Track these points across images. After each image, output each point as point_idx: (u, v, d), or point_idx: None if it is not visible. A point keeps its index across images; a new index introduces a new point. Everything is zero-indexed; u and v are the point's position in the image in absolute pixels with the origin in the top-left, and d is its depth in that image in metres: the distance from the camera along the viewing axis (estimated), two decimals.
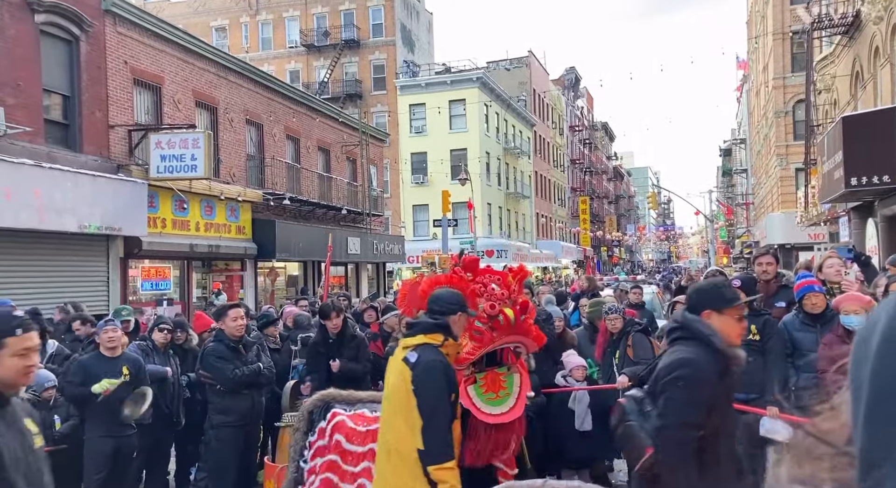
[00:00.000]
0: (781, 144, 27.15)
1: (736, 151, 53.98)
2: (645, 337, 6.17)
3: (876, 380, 0.47)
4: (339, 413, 3.77)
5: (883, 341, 0.47)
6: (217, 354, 5.74)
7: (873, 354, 0.48)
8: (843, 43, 17.30)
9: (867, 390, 0.47)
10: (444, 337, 2.98)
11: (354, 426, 3.67)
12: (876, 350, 0.48)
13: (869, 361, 0.48)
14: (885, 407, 0.46)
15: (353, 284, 23.43)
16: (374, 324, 7.98)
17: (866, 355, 0.48)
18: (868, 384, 0.47)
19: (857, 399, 0.49)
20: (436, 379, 2.87)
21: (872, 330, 0.49)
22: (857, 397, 0.49)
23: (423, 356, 2.92)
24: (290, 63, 38.60)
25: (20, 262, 11.31)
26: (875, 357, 0.47)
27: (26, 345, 2.23)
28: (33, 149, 11.35)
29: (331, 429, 3.71)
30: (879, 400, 0.46)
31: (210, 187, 15.38)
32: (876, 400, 0.47)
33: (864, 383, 0.48)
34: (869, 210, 14.31)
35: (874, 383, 0.47)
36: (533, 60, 46.63)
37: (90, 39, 12.91)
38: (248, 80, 18.27)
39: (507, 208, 41.41)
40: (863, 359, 0.49)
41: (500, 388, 3.44)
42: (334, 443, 3.65)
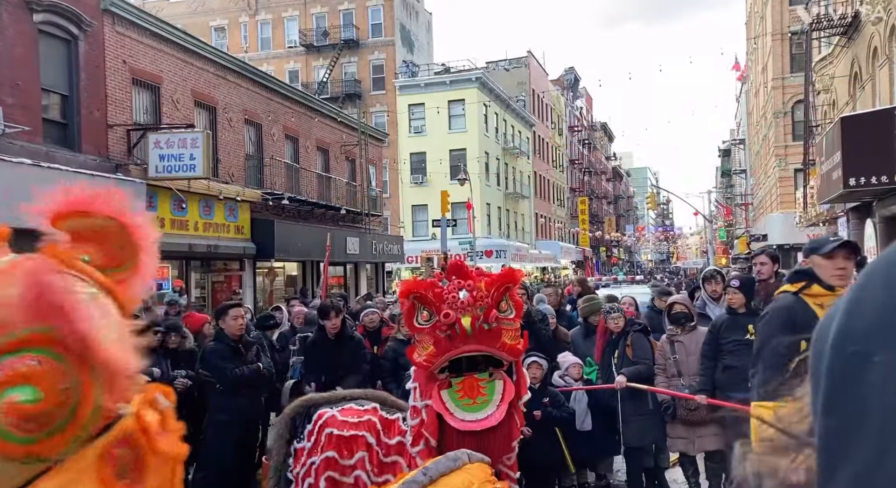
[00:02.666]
0: (780, 145, 27.17)
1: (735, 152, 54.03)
2: (644, 337, 6.17)
3: (831, 375, 0.49)
4: (325, 411, 3.75)
5: (838, 335, 0.50)
6: (218, 354, 5.74)
7: (828, 348, 0.50)
8: (841, 43, 17.32)
9: (824, 383, 0.50)
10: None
11: (346, 418, 3.66)
12: (831, 344, 0.50)
13: (826, 356, 0.50)
14: (839, 398, 0.48)
15: (352, 284, 23.42)
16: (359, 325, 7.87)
17: (823, 350, 0.51)
18: (824, 378, 0.50)
19: (816, 391, 0.51)
20: None
21: (829, 325, 0.51)
22: (816, 389, 0.51)
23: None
24: (289, 63, 38.60)
25: None
26: (830, 352, 0.50)
27: None
28: (32, 148, 11.34)
29: (319, 428, 3.68)
30: (835, 393, 0.49)
31: (209, 187, 15.38)
32: (832, 392, 0.49)
33: (821, 376, 0.50)
34: (867, 210, 14.32)
35: (829, 377, 0.49)
36: (532, 61, 46.64)
37: (89, 39, 12.90)
38: (247, 80, 18.26)
39: (506, 208, 41.42)
40: (821, 353, 0.51)
41: (478, 394, 3.35)
42: (327, 438, 3.62)
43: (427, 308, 3.33)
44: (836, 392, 0.49)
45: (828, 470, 0.48)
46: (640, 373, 5.88)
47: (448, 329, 3.27)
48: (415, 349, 3.39)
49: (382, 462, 3.54)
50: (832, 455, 0.47)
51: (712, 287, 6.77)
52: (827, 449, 0.48)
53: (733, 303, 5.46)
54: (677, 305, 6.09)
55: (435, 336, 3.29)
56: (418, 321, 3.35)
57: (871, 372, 0.46)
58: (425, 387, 3.38)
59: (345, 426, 3.60)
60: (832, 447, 0.48)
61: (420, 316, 3.36)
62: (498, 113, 40.00)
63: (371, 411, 3.69)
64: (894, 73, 13.44)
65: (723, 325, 5.49)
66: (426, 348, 3.31)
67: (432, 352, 3.28)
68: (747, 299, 5.43)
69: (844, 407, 0.47)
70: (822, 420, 0.49)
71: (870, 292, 0.49)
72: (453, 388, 3.34)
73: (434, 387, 3.31)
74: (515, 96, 43.00)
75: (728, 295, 5.58)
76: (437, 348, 3.30)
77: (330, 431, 3.61)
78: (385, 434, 3.60)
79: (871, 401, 0.45)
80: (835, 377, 0.49)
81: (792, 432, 0.58)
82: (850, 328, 0.49)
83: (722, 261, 42.35)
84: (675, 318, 5.99)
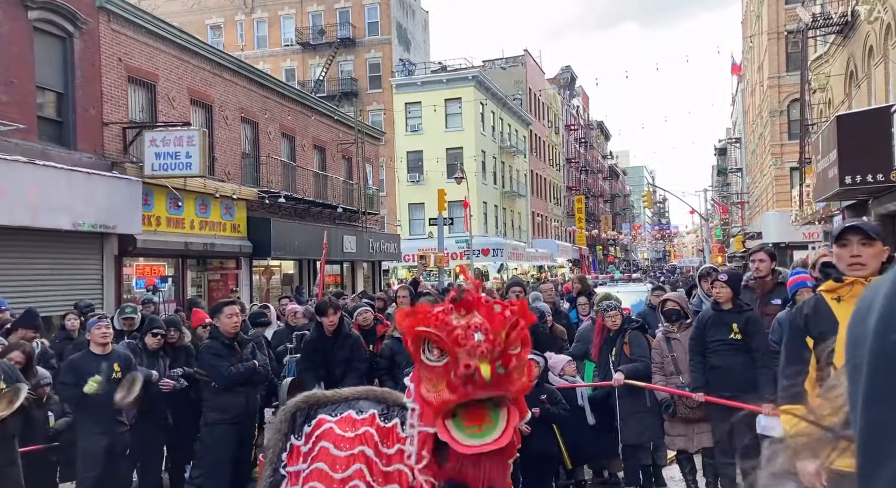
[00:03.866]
0: (776, 143, 27.22)
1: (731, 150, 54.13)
2: (641, 334, 6.18)
3: (875, 361, 0.45)
4: (325, 420, 3.70)
5: (880, 320, 0.46)
6: (212, 351, 5.73)
7: (871, 333, 0.46)
8: (837, 42, 17.36)
9: (866, 371, 0.46)
10: None
11: (342, 433, 3.62)
12: (874, 328, 0.46)
13: (867, 341, 0.46)
14: (883, 391, 0.45)
15: (349, 283, 23.40)
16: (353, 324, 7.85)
17: (863, 334, 0.47)
18: (867, 364, 0.46)
19: (854, 380, 0.48)
20: None
21: (869, 308, 0.47)
22: (854, 378, 0.48)
23: None
24: (285, 61, 38.52)
25: (14, 261, 11.25)
26: (873, 336, 0.46)
27: None
28: (27, 146, 11.29)
29: (316, 437, 3.65)
30: (879, 381, 0.45)
31: (205, 185, 15.34)
32: (875, 380, 0.45)
33: (862, 363, 0.46)
34: (863, 208, 14.35)
35: (873, 363, 0.45)
36: (529, 59, 46.64)
37: (84, 36, 12.85)
38: (244, 78, 18.22)
39: (502, 207, 41.42)
40: (860, 339, 0.47)
41: (483, 422, 3.27)
42: (321, 451, 3.60)
43: (438, 347, 3.22)
44: (880, 383, 0.45)
45: (871, 463, 0.44)
46: (638, 371, 5.89)
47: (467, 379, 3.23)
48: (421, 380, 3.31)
49: (385, 471, 3.52)
50: (876, 448, 0.44)
51: (708, 284, 6.78)
52: (869, 442, 0.45)
53: (720, 297, 5.44)
54: (669, 302, 6.11)
55: (448, 378, 3.27)
56: (427, 358, 3.30)
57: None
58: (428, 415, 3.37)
59: (341, 443, 3.58)
60: (874, 442, 0.44)
61: (429, 352, 3.26)
62: (494, 111, 39.99)
63: (368, 420, 3.66)
64: (890, 72, 13.47)
65: (708, 321, 5.47)
66: (438, 388, 3.24)
67: (448, 397, 3.24)
68: (734, 294, 5.43)
69: (889, 399, 0.44)
70: (864, 412, 0.46)
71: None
72: (457, 417, 3.31)
73: (439, 418, 3.24)
74: (512, 95, 42.98)
75: (715, 289, 5.57)
76: (452, 392, 3.24)
77: (325, 446, 3.59)
78: (383, 444, 3.57)
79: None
80: (878, 367, 0.45)
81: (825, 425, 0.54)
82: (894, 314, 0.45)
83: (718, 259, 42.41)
84: (667, 315, 6.00)
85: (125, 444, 5.60)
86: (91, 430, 5.41)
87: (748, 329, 5.25)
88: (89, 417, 5.40)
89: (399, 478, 3.49)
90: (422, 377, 3.31)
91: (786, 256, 21.12)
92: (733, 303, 5.40)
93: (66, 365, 5.61)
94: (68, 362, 5.60)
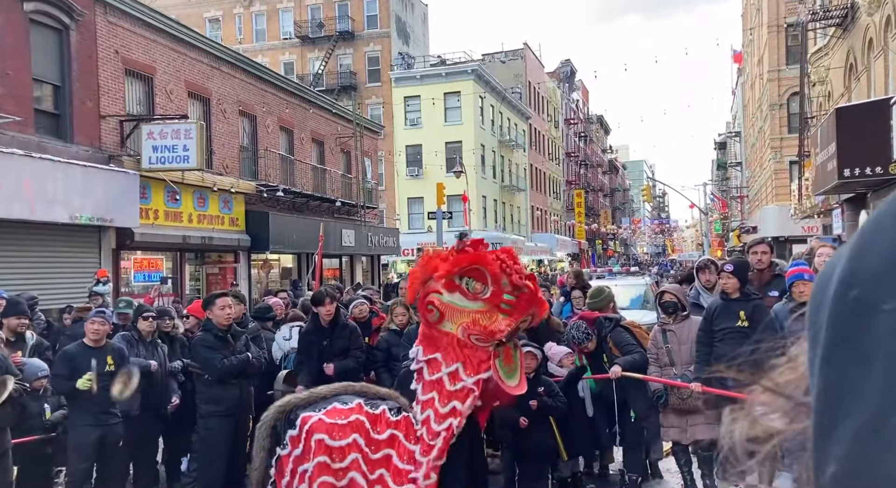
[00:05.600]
0: (776, 137, 27.18)
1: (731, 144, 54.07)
2: (622, 330, 6.17)
3: (832, 325, 0.45)
4: (310, 416, 3.70)
5: (840, 284, 0.45)
6: (205, 344, 5.71)
7: (830, 298, 0.46)
8: (837, 35, 17.30)
9: (824, 335, 0.46)
10: None
11: (334, 421, 3.62)
12: (833, 293, 0.46)
13: (826, 306, 0.46)
14: (841, 350, 0.44)
15: (348, 277, 23.39)
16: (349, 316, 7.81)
17: (824, 300, 0.47)
18: (825, 329, 0.46)
19: (814, 344, 0.48)
20: None
21: (831, 274, 0.47)
22: (814, 342, 0.48)
23: None
24: (284, 55, 38.40)
25: (11, 254, 11.24)
26: (832, 300, 0.46)
27: None
28: (23, 139, 11.26)
29: (306, 433, 3.65)
30: (836, 344, 0.45)
31: (203, 178, 15.31)
32: (833, 343, 0.45)
33: (821, 327, 0.46)
34: (862, 202, 14.34)
35: (831, 327, 0.45)
36: (528, 53, 46.51)
37: (80, 29, 12.79)
38: (242, 71, 18.16)
39: (502, 201, 41.39)
40: (821, 304, 0.47)
41: (511, 361, 3.59)
42: (317, 443, 3.59)
43: (480, 281, 3.44)
44: (837, 342, 0.44)
45: (825, 426, 0.44)
46: (636, 361, 5.88)
47: (517, 292, 3.45)
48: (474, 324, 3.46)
49: (373, 459, 3.53)
50: (831, 410, 0.43)
51: (706, 276, 6.76)
52: (825, 404, 0.44)
53: (727, 288, 5.44)
54: (667, 294, 6.10)
55: (499, 306, 3.43)
56: (473, 289, 3.47)
57: (879, 321, 0.42)
58: (474, 363, 3.48)
59: (334, 431, 3.58)
60: (831, 401, 0.44)
61: (471, 288, 3.45)
62: (494, 105, 39.90)
63: (356, 409, 3.66)
64: (889, 64, 13.42)
65: (716, 311, 5.47)
66: (490, 320, 3.46)
67: (504, 324, 3.48)
68: (741, 284, 5.41)
69: (846, 359, 0.43)
70: (820, 373, 0.45)
71: (881, 232, 0.44)
72: (500, 357, 3.53)
73: (490, 359, 3.47)
74: (511, 88, 42.89)
75: (722, 279, 5.57)
76: (511, 313, 3.44)
77: (320, 437, 3.58)
78: (374, 430, 3.58)
79: (877, 354, 0.41)
80: (836, 326, 0.45)
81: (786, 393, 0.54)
82: (855, 271, 0.45)
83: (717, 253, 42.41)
84: (665, 307, 5.99)
85: (118, 436, 5.58)
86: (83, 422, 5.40)
87: (755, 316, 5.25)
88: (81, 409, 5.40)
89: (386, 464, 3.51)
90: (463, 324, 3.48)
91: (785, 250, 21.10)
92: (741, 292, 5.39)
93: (59, 357, 5.60)
94: (62, 354, 5.60)
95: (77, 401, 5.40)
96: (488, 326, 3.41)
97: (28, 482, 5.64)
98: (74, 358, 5.44)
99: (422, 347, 3.66)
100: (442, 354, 3.53)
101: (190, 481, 6.07)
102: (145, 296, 12.67)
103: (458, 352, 3.49)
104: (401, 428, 3.59)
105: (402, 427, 3.59)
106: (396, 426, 3.60)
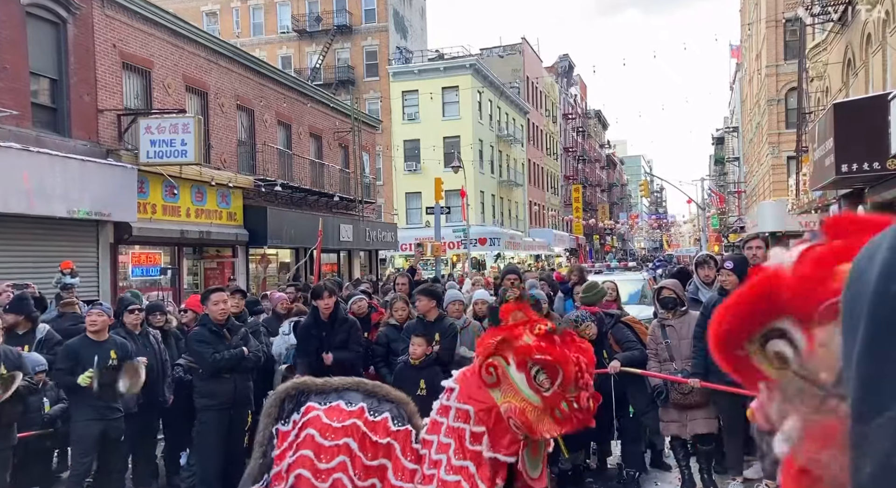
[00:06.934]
0: (773, 132, 27.20)
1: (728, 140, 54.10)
2: (623, 326, 6.18)
3: (874, 312, 0.43)
4: (314, 407, 3.70)
5: (881, 277, 0.44)
6: (199, 338, 5.72)
7: (871, 289, 0.44)
8: (835, 30, 17.30)
9: (864, 326, 0.44)
10: None
11: (329, 421, 3.63)
12: (875, 281, 0.44)
13: (867, 296, 0.44)
14: (882, 344, 0.43)
15: (346, 271, 23.39)
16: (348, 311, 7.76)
17: (863, 289, 0.45)
18: (864, 322, 0.44)
19: (850, 334, 0.46)
20: None
21: (870, 262, 0.45)
22: (851, 332, 0.46)
23: None
24: (281, 49, 38.28)
25: (8, 248, 11.21)
26: (873, 293, 0.44)
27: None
28: (21, 133, 11.22)
29: (303, 423, 3.65)
30: (877, 338, 0.43)
31: (200, 173, 15.28)
32: (873, 337, 0.43)
33: (860, 318, 0.44)
34: (859, 197, 14.36)
35: (871, 321, 0.43)
36: (526, 47, 46.43)
37: (78, 22, 12.74)
38: (239, 66, 18.10)
39: (499, 196, 41.37)
40: (859, 294, 0.45)
41: (536, 454, 3.53)
42: (307, 438, 3.60)
43: (550, 376, 3.28)
44: (880, 335, 0.43)
45: (863, 417, 0.43)
46: (634, 357, 5.89)
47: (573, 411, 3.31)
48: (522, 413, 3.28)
49: (367, 465, 3.53)
50: (870, 402, 0.42)
51: (705, 272, 6.79)
52: (864, 396, 0.43)
53: (726, 285, 5.45)
54: (666, 290, 6.11)
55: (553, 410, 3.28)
56: (539, 384, 3.29)
57: None
58: (503, 442, 3.39)
59: (327, 431, 3.58)
60: (870, 395, 0.42)
61: (538, 380, 3.29)
62: (492, 100, 39.85)
63: (357, 413, 3.65)
64: (888, 60, 13.43)
65: (714, 306, 5.49)
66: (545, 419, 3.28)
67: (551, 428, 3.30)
68: (740, 280, 5.42)
69: (887, 354, 0.42)
70: (859, 367, 0.44)
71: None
72: (529, 448, 3.45)
73: (519, 445, 3.39)
74: (509, 83, 42.82)
75: (721, 276, 5.58)
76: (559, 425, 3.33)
77: (311, 433, 3.59)
78: (372, 435, 3.57)
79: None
80: (877, 320, 0.43)
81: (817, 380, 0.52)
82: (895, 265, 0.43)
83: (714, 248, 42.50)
84: (663, 302, 6.00)
85: (119, 431, 5.59)
86: (85, 416, 5.40)
87: None
88: (83, 403, 5.40)
89: (380, 473, 3.51)
90: (511, 406, 3.31)
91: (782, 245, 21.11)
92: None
93: (62, 350, 5.60)
94: (65, 347, 5.59)
95: (79, 396, 5.41)
96: (534, 424, 3.28)
97: (28, 476, 5.65)
98: (77, 351, 5.43)
99: (459, 387, 3.54)
100: (475, 410, 3.45)
101: (189, 475, 6.08)
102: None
103: (491, 420, 3.41)
104: (399, 440, 3.58)
105: (401, 438, 3.59)
106: (396, 436, 3.60)
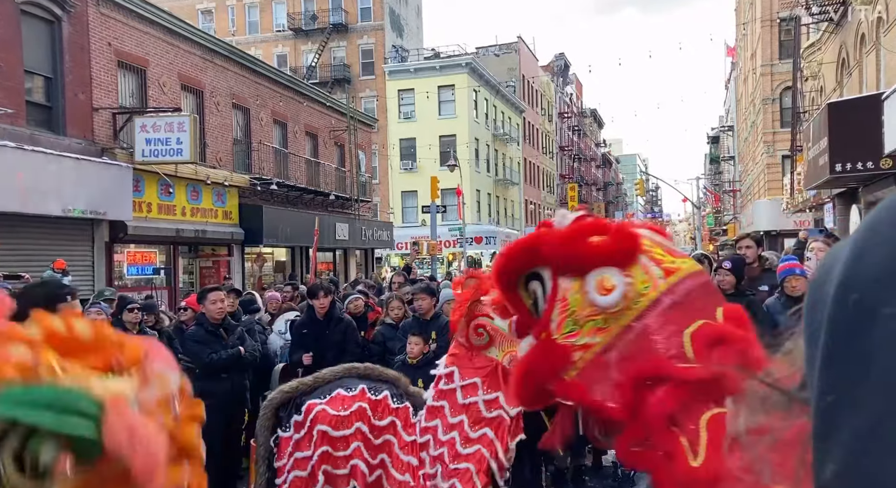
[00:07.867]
0: (768, 132, 27.28)
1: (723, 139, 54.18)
2: None
3: (832, 327, 0.45)
4: (315, 403, 3.72)
5: (839, 287, 0.45)
6: (195, 338, 5.73)
7: (830, 299, 0.46)
8: (829, 30, 17.37)
9: (824, 336, 0.46)
10: None
11: (336, 412, 3.65)
12: (833, 295, 0.46)
13: (825, 306, 0.46)
14: (841, 352, 0.45)
15: (342, 270, 23.39)
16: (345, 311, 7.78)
17: (822, 299, 0.47)
18: (824, 330, 0.46)
19: (812, 343, 0.48)
20: None
21: (828, 274, 0.47)
22: (812, 341, 0.48)
23: None
24: (277, 47, 38.21)
25: (3, 247, 11.19)
26: (832, 302, 0.46)
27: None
28: (15, 131, 11.20)
29: (311, 422, 3.67)
30: (836, 346, 0.45)
31: (196, 172, 15.26)
32: (833, 345, 0.45)
33: (820, 328, 0.46)
34: (853, 196, 14.44)
35: (830, 329, 0.45)
36: (522, 46, 46.45)
37: (73, 20, 12.71)
38: (235, 64, 18.08)
39: (495, 195, 41.41)
40: (818, 303, 0.47)
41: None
42: (320, 435, 3.62)
43: None
44: (838, 344, 0.44)
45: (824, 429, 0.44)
46: None
47: None
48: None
49: (375, 445, 3.58)
50: (831, 411, 0.44)
51: None
52: (825, 405, 0.44)
53: (724, 285, 5.44)
54: None
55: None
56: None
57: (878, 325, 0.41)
58: None
59: (337, 424, 3.61)
60: (831, 403, 0.44)
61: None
62: (488, 99, 39.87)
63: (359, 396, 3.69)
64: (881, 60, 13.49)
65: None
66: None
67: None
68: (737, 281, 5.42)
69: (845, 364, 0.43)
70: (819, 376, 0.45)
71: (880, 233, 0.44)
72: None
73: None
74: (505, 82, 42.84)
75: (719, 275, 5.57)
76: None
77: (323, 429, 3.60)
78: (375, 416, 3.62)
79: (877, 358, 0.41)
80: (835, 330, 0.44)
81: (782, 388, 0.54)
82: (855, 274, 0.44)
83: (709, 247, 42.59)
84: None
85: None
86: None
87: (748, 312, 5.27)
88: None
89: (387, 449, 3.56)
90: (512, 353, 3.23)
91: (777, 244, 21.23)
92: (736, 288, 5.39)
93: None
94: None
95: None
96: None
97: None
98: None
99: (457, 368, 3.49)
100: (482, 379, 3.42)
101: None
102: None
103: (500, 377, 3.37)
104: (400, 417, 3.64)
105: (401, 416, 3.64)
106: (396, 414, 3.65)
